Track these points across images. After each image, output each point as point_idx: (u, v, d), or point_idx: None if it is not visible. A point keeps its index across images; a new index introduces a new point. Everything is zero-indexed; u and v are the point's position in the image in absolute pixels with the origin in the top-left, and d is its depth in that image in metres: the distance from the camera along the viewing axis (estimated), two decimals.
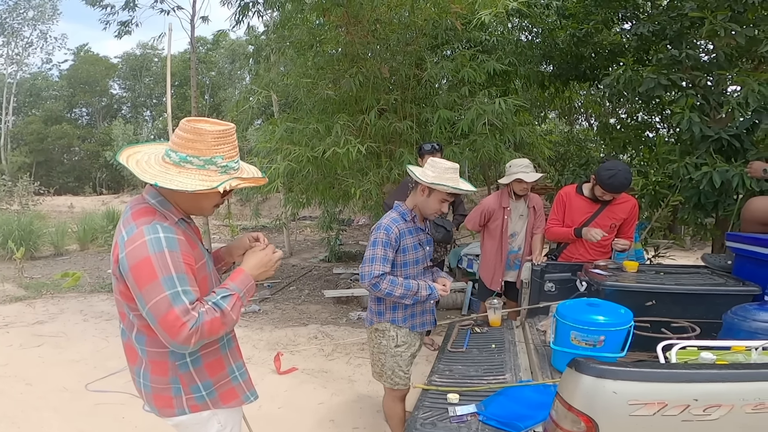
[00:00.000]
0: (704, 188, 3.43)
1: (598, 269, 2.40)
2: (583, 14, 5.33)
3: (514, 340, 2.51)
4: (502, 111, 4.35)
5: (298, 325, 5.15)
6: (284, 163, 4.52)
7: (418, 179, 2.12)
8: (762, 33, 3.60)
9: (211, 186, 1.22)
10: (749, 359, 1.38)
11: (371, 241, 2.15)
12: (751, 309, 1.65)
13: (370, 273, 2.09)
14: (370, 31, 5.00)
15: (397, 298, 2.15)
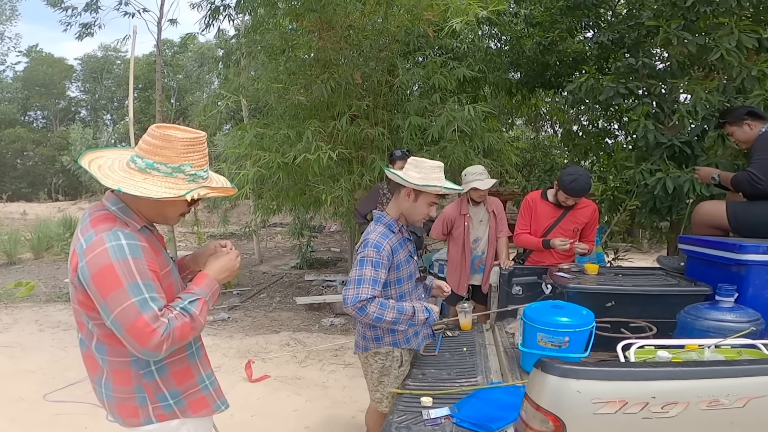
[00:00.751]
0: (658, 193, 3.60)
1: (562, 272, 2.49)
2: (549, 23, 5.51)
3: (485, 343, 2.56)
4: (471, 118, 4.45)
5: (270, 332, 5.10)
6: (254, 169, 4.47)
7: (405, 182, 1.93)
8: (712, 41, 3.68)
9: (178, 194, 1.20)
10: (702, 357, 1.46)
11: (358, 260, 1.91)
12: (702, 308, 1.76)
13: (356, 296, 1.83)
14: (343, 36, 5.03)
15: (388, 324, 1.91)
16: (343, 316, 5.60)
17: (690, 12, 3.85)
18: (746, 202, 2.48)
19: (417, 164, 1.96)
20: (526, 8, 5.84)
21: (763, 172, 2.30)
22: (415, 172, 1.94)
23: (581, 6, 4.97)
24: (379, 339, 2.09)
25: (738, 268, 2.03)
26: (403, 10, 4.97)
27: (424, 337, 2.26)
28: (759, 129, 2.48)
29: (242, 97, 6.19)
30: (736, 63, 3.51)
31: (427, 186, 1.91)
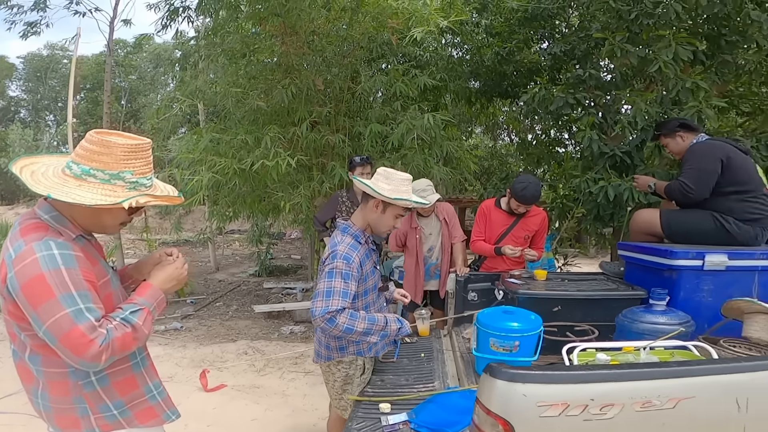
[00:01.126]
0: (601, 201, 3.81)
1: (513, 278, 2.60)
2: (508, 33, 5.68)
3: (442, 349, 2.62)
4: (431, 126, 4.52)
5: (226, 341, 5.01)
6: (208, 175, 4.35)
7: (376, 194, 1.91)
8: (652, 53, 3.77)
9: (114, 201, 1.17)
10: (638, 359, 1.57)
11: (326, 272, 1.87)
12: (638, 312, 1.90)
13: (324, 308, 1.80)
14: (306, 42, 5.01)
15: (359, 336, 1.89)
16: (304, 324, 5.54)
17: (634, 24, 4.00)
18: (678, 210, 2.66)
19: (387, 176, 1.96)
20: (487, 18, 5.99)
21: (694, 181, 2.46)
22: (385, 183, 1.94)
23: (538, 17, 5.17)
24: (343, 348, 2.09)
25: (670, 273, 2.18)
26: (368, 17, 5.01)
27: (384, 344, 2.28)
28: (691, 140, 2.64)
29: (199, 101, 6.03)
30: (672, 75, 3.65)
31: (398, 199, 1.91)
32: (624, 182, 3.73)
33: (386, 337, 1.99)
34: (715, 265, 2.07)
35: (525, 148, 6.55)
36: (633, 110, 3.85)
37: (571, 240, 6.11)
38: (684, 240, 2.52)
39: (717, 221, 2.42)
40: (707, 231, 2.44)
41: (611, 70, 5.07)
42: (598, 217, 4.09)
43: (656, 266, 2.28)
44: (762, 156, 3.57)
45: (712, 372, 1.24)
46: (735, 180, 2.42)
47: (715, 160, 2.43)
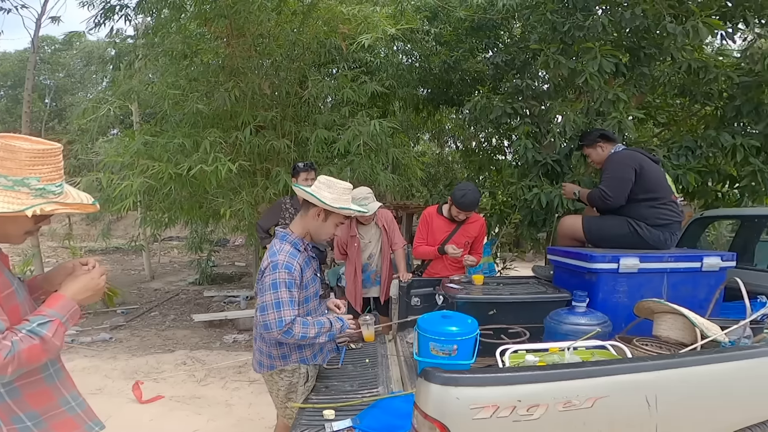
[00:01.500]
0: (534, 207, 4.04)
1: (453, 283, 2.71)
2: (455, 42, 5.85)
3: (387, 354, 2.67)
4: (377, 132, 4.55)
5: (163, 351, 4.83)
6: (139, 179, 4.14)
7: (319, 202, 1.92)
8: (581, 65, 3.90)
9: (17, 209, 1.11)
10: (563, 359, 1.69)
11: (270, 283, 1.86)
12: (562, 313, 2.04)
13: (281, 320, 1.83)
14: (253, 45, 4.89)
15: (311, 340, 1.96)
16: (248, 332, 5.41)
17: (566, 36, 4.21)
18: (598, 216, 2.88)
19: (330, 185, 1.98)
20: (437, 27, 6.12)
21: (612, 188, 2.67)
22: (327, 192, 1.95)
23: (483, 27, 5.37)
24: (286, 357, 2.07)
25: (590, 276, 2.37)
26: (320, 21, 4.98)
27: (328, 351, 2.30)
28: (609, 150, 2.87)
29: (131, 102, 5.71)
30: (597, 86, 3.86)
31: (341, 208, 1.94)
32: (554, 189, 3.97)
33: (333, 337, 2.05)
34: (628, 267, 2.28)
35: (468, 155, 6.77)
36: (563, 120, 4.04)
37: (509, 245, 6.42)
38: (603, 244, 2.74)
39: (631, 226, 2.65)
40: (623, 236, 2.67)
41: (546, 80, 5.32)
42: (532, 222, 4.33)
43: (579, 269, 2.46)
44: (673, 165, 3.90)
45: (622, 371, 1.34)
46: (647, 188, 2.66)
47: (630, 169, 2.67)
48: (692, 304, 2.35)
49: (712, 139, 3.83)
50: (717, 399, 1.41)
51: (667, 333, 1.84)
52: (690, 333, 1.77)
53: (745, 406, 1.47)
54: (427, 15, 6.09)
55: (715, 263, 2.35)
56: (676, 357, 1.40)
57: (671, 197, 2.71)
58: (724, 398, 1.41)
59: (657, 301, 1.88)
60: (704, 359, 1.41)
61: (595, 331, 1.81)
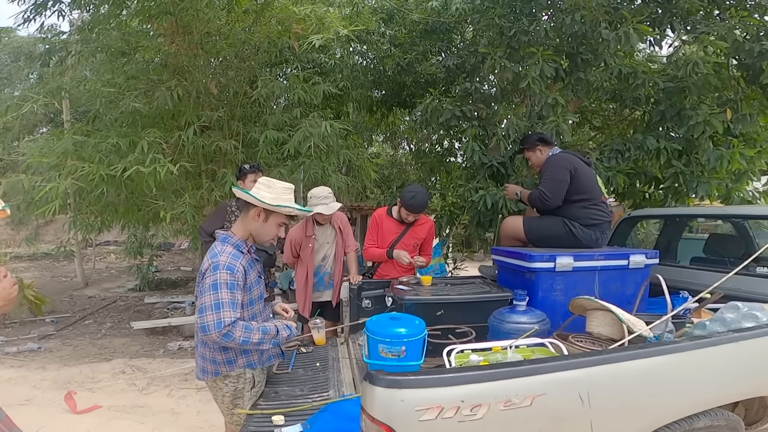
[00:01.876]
0: (481, 209, 4.16)
1: (401, 285, 2.74)
2: (409, 44, 5.91)
3: (338, 357, 2.66)
4: (328, 134, 4.51)
5: (98, 360, 4.62)
6: (67, 181, 3.87)
7: (257, 201, 1.91)
8: (525, 69, 4.00)
9: None
10: (506, 357, 1.75)
11: (210, 284, 1.82)
12: (504, 312, 2.12)
13: (219, 321, 1.77)
14: (200, 43, 4.70)
15: (253, 346, 1.90)
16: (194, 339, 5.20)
17: (513, 41, 4.34)
18: (538, 217, 3.02)
19: (269, 184, 1.97)
20: (392, 29, 6.16)
21: (550, 190, 2.81)
22: (266, 192, 1.95)
23: (437, 30, 5.44)
24: (231, 362, 2.01)
25: (530, 275, 2.47)
26: (273, 20, 4.86)
27: (271, 355, 2.24)
28: (547, 153, 3.02)
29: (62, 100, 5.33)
30: (538, 91, 4.01)
31: (280, 206, 1.93)
32: (499, 191, 4.12)
33: (278, 345, 2.01)
34: (564, 266, 2.41)
35: (420, 158, 6.85)
36: (507, 123, 4.18)
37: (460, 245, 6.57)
38: (542, 244, 2.88)
39: (566, 226, 2.81)
40: (559, 235, 2.83)
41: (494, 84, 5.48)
42: (479, 223, 4.46)
43: (520, 269, 2.57)
44: (605, 167, 4.14)
45: (557, 369, 1.39)
46: (580, 189, 2.83)
47: (566, 171, 2.82)
48: (621, 299, 2.53)
49: (639, 142, 4.10)
50: (645, 394, 1.49)
51: (598, 329, 1.97)
52: (618, 329, 1.90)
53: (673, 400, 1.56)
54: (383, 17, 6.11)
55: (640, 261, 2.54)
56: (604, 354, 1.48)
57: (602, 198, 2.90)
58: (652, 393, 1.49)
59: (588, 299, 2.00)
60: (630, 355, 1.49)
61: (534, 330, 1.90)
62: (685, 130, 3.91)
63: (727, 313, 2.09)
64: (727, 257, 3.48)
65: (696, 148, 4.05)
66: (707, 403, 1.61)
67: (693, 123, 3.71)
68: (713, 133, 3.74)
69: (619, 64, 4.13)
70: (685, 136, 4.00)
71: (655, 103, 4.32)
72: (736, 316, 2.05)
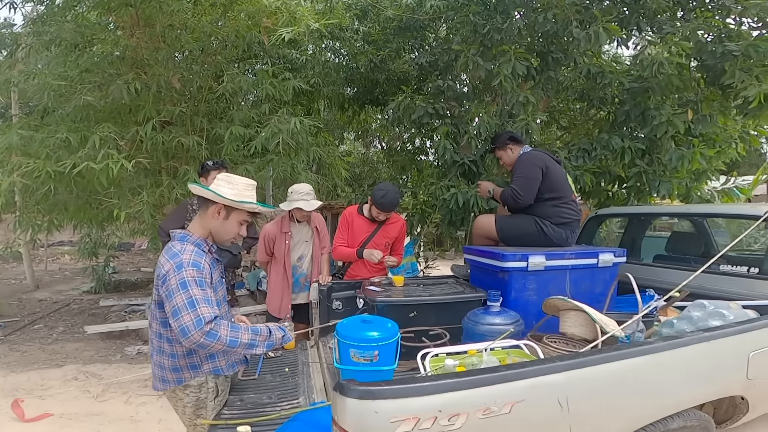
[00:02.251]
0: (453, 207, 4.14)
1: (373, 286, 2.66)
2: (383, 41, 5.82)
3: (308, 361, 2.56)
4: (298, 131, 4.37)
5: (49, 366, 4.38)
6: (11, 178, 3.62)
7: (219, 198, 1.81)
8: (497, 68, 3.96)
9: None
10: (481, 360, 1.71)
11: (178, 283, 1.66)
12: (479, 314, 2.09)
13: (199, 319, 1.59)
14: (162, 36, 4.45)
15: (243, 347, 1.71)
16: None
17: (486, 39, 4.31)
18: (510, 216, 3.02)
19: (230, 180, 1.88)
20: (366, 26, 6.05)
21: (522, 188, 2.80)
22: (227, 188, 1.85)
23: (411, 28, 5.38)
24: (196, 367, 1.86)
25: (503, 275, 2.45)
26: (243, 14, 4.65)
27: (235, 362, 2.11)
28: (518, 152, 3.03)
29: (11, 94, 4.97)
30: (510, 89, 4.01)
31: (243, 203, 1.84)
32: (471, 189, 4.11)
33: (272, 347, 1.84)
34: (536, 265, 2.40)
35: (391, 156, 6.78)
36: (478, 122, 4.14)
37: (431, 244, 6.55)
38: (514, 242, 2.88)
39: (537, 225, 2.82)
40: (530, 234, 2.83)
41: (466, 83, 5.44)
42: (451, 221, 4.44)
43: (492, 268, 2.54)
44: (573, 166, 4.20)
45: (534, 374, 1.35)
46: (551, 187, 2.84)
47: (538, 169, 2.83)
48: (590, 298, 2.55)
49: (605, 142, 4.17)
50: (623, 396, 1.47)
51: (571, 330, 1.96)
52: (591, 329, 1.90)
53: (650, 402, 1.55)
54: (357, 13, 6.01)
55: (609, 259, 2.57)
56: (582, 356, 1.46)
57: (572, 197, 2.92)
58: (630, 395, 1.48)
59: (562, 299, 1.99)
60: (608, 357, 1.47)
61: (509, 332, 1.87)
62: (648, 130, 4.00)
63: (693, 311, 2.13)
64: (688, 255, 3.60)
65: (659, 148, 4.16)
66: (682, 403, 1.62)
67: (657, 123, 3.80)
68: (675, 133, 3.84)
69: (588, 63, 4.18)
70: (648, 135, 4.08)
71: (619, 103, 4.40)
72: (702, 314, 2.09)
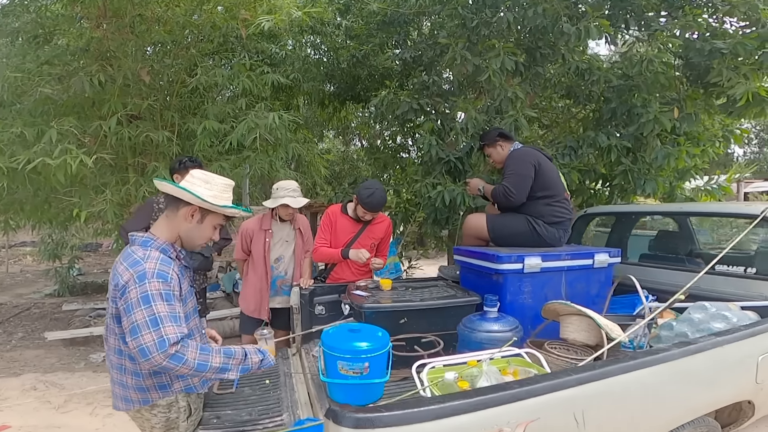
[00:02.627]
0: (438, 205, 4.02)
1: (359, 290, 2.50)
2: (366, 36, 5.66)
3: (291, 372, 2.38)
4: (277, 126, 4.16)
5: (6, 375, 4.12)
6: None
7: (197, 200, 1.62)
8: (485, 63, 3.89)
9: None
10: (482, 371, 1.57)
11: (140, 297, 1.46)
12: (475, 320, 1.95)
13: (162, 340, 1.41)
14: (130, 27, 4.17)
15: (215, 373, 1.54)
16: None
17: (474, 33, 4.21)
18: (501, 215, 2.88)
19: (207, 179, 1.70)
20: (349, 20, 5.90)
21: (515, 185, 2.68)
22: (204, 188, 1.67)
23: (394, 23, 5.24)
24: (165, 386, 1.69)
25: (497, 277, 2.32)
26: (220, 6, 4.43)
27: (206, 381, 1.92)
28: (509, 148, 2.91)
29: None
30: (498, 84, 3.92)
31: (225, 207, 1.66)
32: (457, 187, 3.99)
33: (248, 371, 1.67)
34: (532, 267, 2.29)
35: (373, 153, 6.64)
36: (465, 118, 4.02)
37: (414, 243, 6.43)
38: (505, 242, 2.76)
39: (530, 224, 2.70)
40: (522, 233, 2.72)
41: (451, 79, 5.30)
42: (436, 220, 4.32)
43: (486, 270, 2.41)
44: (560, 164, 4.13)
45: (550, 389, 1.24)
46: (544, 185, 2.72)
47: (531, 166, 2.71)
48: (586, 300, 2.46)
49: (591, 139, 4.13)
50: (639, 406, 1.39)
51: (573, 335, 1.85)
52: (595, 334, 1.80)
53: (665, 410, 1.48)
54: (340, 7, 5.84)
55: (604, 260, 2.48)
56: (598, 367, 1.35)
57: (564, 195, 2.82)
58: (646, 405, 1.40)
59: (565, 303, 1.88)
60: (625, 367, 1.38)
61: (513, 340, 1.75)
62: (635, 128, 3.95)
63: (695, 313, 2.06)
64: (674, 254, 3.58)
65: (644, 146, 4.13)
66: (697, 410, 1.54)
67: (644, 120, 3.76)
68: (661, 131, 3.82)
69: (576, 60, 4.11)
70: (634, 133, 4.04)
71: (605, 100, 4.36)
72: (704, 317, 2.02)
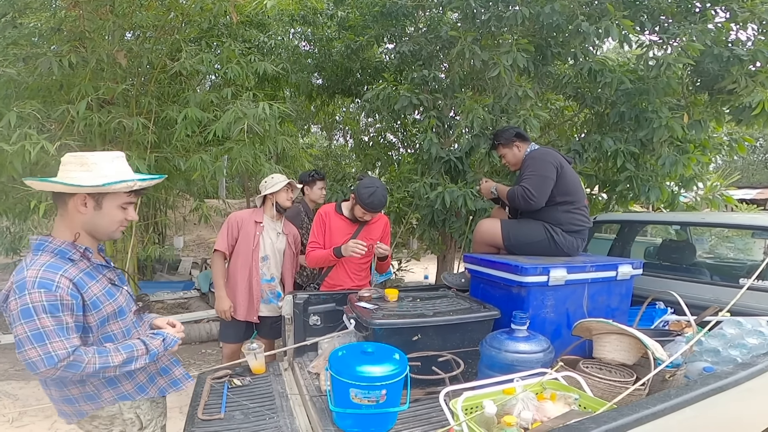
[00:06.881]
0: (437, 207, 3.82)
1: (363, 301, 2.26)
2: (362, 27, 5.43)
3: (286, 392, 2.12)
4: (266, 117, 3.89)
5: None
6: None
7: (76, 188, 1.40)
8: (495, 58, 3.76)
9: None
10: (518, 396, 1.38)
11: (20, 310, 1.32)
12: (501, 339, 1.74)
13: (51, 357, 1.30)
14: (110, 7, 3.84)
15: (120, 369, 1.44)
16: None
17: (484, 26, 4.03)
18: (518, 221, 2.67)
19: (82, 161, 1.43)
20: (344, 10, 5.70)
21: (536, 187, 2.47)
22: (82, 172, 1.42)
23: (392, 15, 5.04)
24: (92, 397, 1.50)
25: (519, 290, 2.12)
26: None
27: (175, 380, 1.72)
28: (525, 150, 2.71)
29: None
30: (508, 81, 3.74)
31: (113, 183, 1.42)
32: (457, 188, 3.80)
33: (156, 356, 1.55)
34: (557, 280, 2.10)
35: (362, 149, 6.41)
36: (471, 116, 3.83)
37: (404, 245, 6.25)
38: (520, 251, 2.55)
39: (548, 232, 2.51)
40: (538, 242, 2.52)
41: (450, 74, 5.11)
42: (432, 222, 4.12)
43: (504, 282, 2.20)
44: None
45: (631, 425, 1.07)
46: (565, 190, 2.53)
47: (553, 168, 2.51)
48: (606, 313, 2.30)
49: (597, 143, 3.99)
50: None
51: (612, 355, 1.67)
52: (634, 354, 1.63)
53: None
54: None
55: (627, 272, 2.32)
56: (682, 394, 1.17)
57: (584, 201, 2.65)
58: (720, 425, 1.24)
59: (605, 322, 1.70)
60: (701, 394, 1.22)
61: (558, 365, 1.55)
62: (645, 133, 3.81)
63: (728, 328, 1.92)
64: (677, 263, 3.49)
65: (651, 151, 4.02)
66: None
67: (656, 126, 3.63)
68: (670, 137, 3.71)
69: (590, 60, 3.96)
70: (642, 138, 3.92)
71: (612, 104, 4.22)
72: (737, 333, 1.88)
